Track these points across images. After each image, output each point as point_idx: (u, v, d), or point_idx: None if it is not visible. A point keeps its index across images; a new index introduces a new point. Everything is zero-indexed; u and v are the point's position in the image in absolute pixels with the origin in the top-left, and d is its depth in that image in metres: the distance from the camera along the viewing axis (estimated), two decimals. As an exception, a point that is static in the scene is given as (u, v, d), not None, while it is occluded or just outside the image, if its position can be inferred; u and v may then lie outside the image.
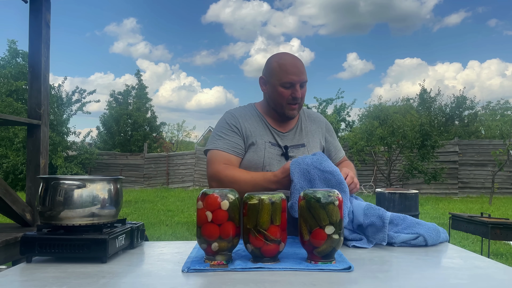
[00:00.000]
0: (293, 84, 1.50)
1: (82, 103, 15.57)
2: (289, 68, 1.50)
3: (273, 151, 1.55)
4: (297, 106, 1.54)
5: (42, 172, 2.69)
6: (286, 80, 1.49)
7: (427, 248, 1.27)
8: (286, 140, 1.58)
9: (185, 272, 0.97)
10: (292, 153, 1.56)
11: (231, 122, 1.58)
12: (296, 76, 1.49)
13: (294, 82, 1.49)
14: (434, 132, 10.98)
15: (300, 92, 1.50)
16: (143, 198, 11.22)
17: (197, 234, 1.04)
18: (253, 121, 1.59)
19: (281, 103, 1.53)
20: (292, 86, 1.50)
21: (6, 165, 13.51)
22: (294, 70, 1.50)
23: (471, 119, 19.65)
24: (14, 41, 15.43)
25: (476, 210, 8.35)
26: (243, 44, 51.02)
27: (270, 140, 1.56)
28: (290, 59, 1.54)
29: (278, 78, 1.51)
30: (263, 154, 1.53)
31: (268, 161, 1.52)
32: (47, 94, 2.81)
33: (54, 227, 1.12)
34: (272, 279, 0.92)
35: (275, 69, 1.53)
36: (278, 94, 1.52)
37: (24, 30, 20.19)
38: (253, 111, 1.63)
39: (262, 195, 1.03)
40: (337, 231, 1.01)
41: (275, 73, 1.52)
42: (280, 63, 1.52)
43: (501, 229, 3.71)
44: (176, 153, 16.38)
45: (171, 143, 24.67)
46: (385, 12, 46.45)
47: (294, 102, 1.52)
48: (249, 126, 1.57)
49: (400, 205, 4.45)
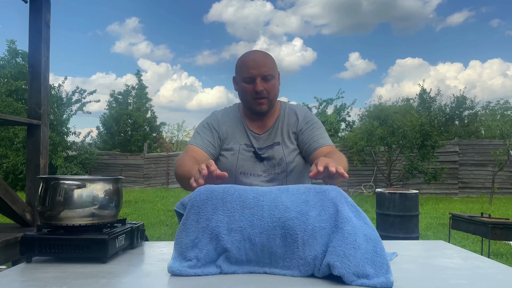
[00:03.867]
0: (253, 78, 1.49)
1: (82, 103, 15.57)
2: (248, 63, 1.51)
3: (247, 153, 1.57)
4: (264, 100, 1.52)
5: (42, 172, 2.69)
6: (246, 75, 1.50)
7: (427, 248, 1.27)
8: (261, 142, 1.59)
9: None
10: (266, 153, 1.56)
11: (211, 122, 1.63)
12: (255, 69, 1.49)
13: (253, 76, 1.49)
14: (434, 132, 10.97)
15: (261, 86, 1.49)
16: (143, 198, 11.21)
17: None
18: (232, 124, 1.62)
19: (247, 99, 1.54)
20: (252, 81, 1.50)
21: (6, 165, 13.50)
22: (252, 64, 1.50)
23: (471, 119, 19.64)
24: (13, 40, 15.44)
25: (476, 210, 8.34)
26: (245, 43, 51.01)
27: (246, 142, 1.59)
28: (252, 54, 1.55)
29: (240, 74, 1.54)
30: (237, 158, 1.56)
31: (242, 164, 1.55)
32: (47, 94, 2.81)
33: (54, 227, 1.12)
34: (272, 279, 0.92)
35: (238, 66, 1.56)
36: (243, 90, 1.54)
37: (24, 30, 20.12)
38: (235, 113, 1.65)
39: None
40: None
41: (238, 70, 1.56)
42: (242, 60, 1.55)
43: (501, 229, 3.71)
44: (176, 153, 16.38)
45: (171, 143, 24.67)
46: (388, 12, 46.39)
47: (258, 96, 1.51)
48: (228, 129, 1.61)
49: (400, 205, 4.45)
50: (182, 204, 1.07)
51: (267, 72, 1.50)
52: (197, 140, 1.58)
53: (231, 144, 1.59)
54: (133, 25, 46.93)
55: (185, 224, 1.00)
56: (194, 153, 1.53)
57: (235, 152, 1.57)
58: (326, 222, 0.96)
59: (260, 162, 1.56)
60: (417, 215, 4.54)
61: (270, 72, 1.51)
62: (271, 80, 1.51)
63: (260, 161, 1.56)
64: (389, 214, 4.49)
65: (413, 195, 4.50)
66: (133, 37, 48.46)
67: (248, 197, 1.01)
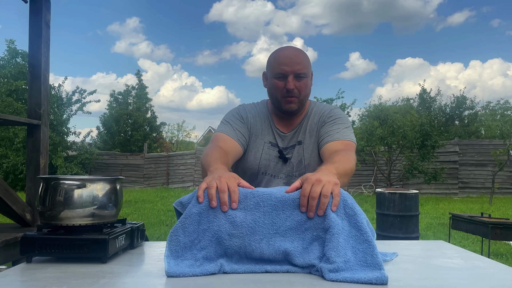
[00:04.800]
0: (285, 75, 1.42)
1: (82, 103, 15.57)
2: (281, 59, 1.44)
3: (272, 152, 1.52)
4: (294, 99, 1.45)
5: (42, 172, 2.69)
6: (278, 71, 1.43)
7: (427, 248, 1.27)
8: (285, 141, 1.54)
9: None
10: (290, 154, 1.52)
11: (241, 114, 1.57)
12: (288, 66, 1.42)
13: (285, 72, 1.42)
14: (434, 132, 10.97)
15: (292, 84, 1.42)
16: (143, 198, 11.22)
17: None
18: (260, 120, 1.57)
19: (276, 96, 1.47)
20: (284, 78, 1.43)
21: (6, 165, 13.50)
22: (286, 61, 1.43)
23: (471, 119, 19.65)
24: (13, 40, 15.44)
25: (476, 210, 8.34)
26: (245, 43, 51.02)
27: (271, 141, 1.54)
28: (286, 50, 1.48)
29: (272, 69, 1.47)
30: (260, 156, 1.51)
31: (264, 163, 1.51)
32: (47, 94, 2.81)
33: (54, 227, 1.12)
34: (272, 279, 0.92)
35: (270, 61, 1.50)
36: (273, 87, 1.47)
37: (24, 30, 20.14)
38: (263, 109, 1.60)
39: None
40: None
41: (270, 66, 1.50)
42: (275, 55, 1.49)
43: (501, 229, 3.71)
44: (176, 153, 16.37)
45: (171, 143, 24.67)
46: (388, 11, 46.43)
47: (289, 94, 1.44)
48: (255, 125, 1.56)
49: (400, 205, 4.45)
50: (181, 202, 1.07)
51: (301, 70, 1.42)
52: (227, 129, 1.49)
53: (256, 141, 1.53)
54: (134, 25, 46.96)
55: (184, 224, 1.00)
56: (223, 142, 1.43)
57: (258, 150, 1.52)
58: (318, 230, 0.97)
59: (284, 163, 1.50)
60: (417, 215, 4.54)
61: (304, 70, 1.43)
62: (303, 78, 1.44)
63: (284, 162, 1.50)
64: (389, 214, 4.49)
65: (413, 195, 4.50)
66: (133, 37, 48.49)
67: (249, 204, 1.01)
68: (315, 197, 0.95)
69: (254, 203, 1.01)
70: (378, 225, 4.67)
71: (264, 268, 0.97)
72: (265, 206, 1.00)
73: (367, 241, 0.95)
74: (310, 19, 50.12)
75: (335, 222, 0.95)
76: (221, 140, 1.45)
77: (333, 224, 0.95)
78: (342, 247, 0.92)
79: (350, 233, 0.96)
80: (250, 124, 1.55)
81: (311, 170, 1.41)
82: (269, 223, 0.99)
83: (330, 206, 0.96)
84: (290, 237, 0.98)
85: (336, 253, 0.91)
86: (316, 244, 0.97)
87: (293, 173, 1.50)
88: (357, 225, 0.97)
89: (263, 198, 1.01)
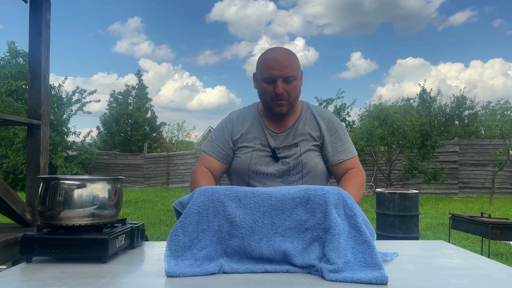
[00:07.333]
0: (274, 79, 1.43)
1: (82, 103, 15.56)
2: (270, 63, 1.44)
3: (262, 152, 1.52)
4: (284, 102, 1.46)
5: (42, 172, 2.69)
6: (266, 75, 1.44)
7: (427, 248, 1.27)
8: (278, 141, 1.54)
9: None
10: (283, 153, 1.52)
11: (226, 126, 1.61)
12: (276, 70, 1.42)
13: (274, 77, 1.43)
14: (434, 132, 10.97)
15: (281, 88, 1.42)
16: (143, 198, 11.21)
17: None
18: (249, 123, 1.59)
19: (266, 99, 1.49)
20: (273, 82, 1.44)
21: (6, 165, 13.50)
22: (274, 65, 1.43)
23: (471, 119, 19.65)
24: (14, 41, 15.47)
25: (476, 210, 8.34)
26: (247, 43, 51.01)
27: (262, 142, 1.54)
28: (274, 53, 1.47)
29: (261, 73, 1.47)
30: (250, 156, 1.52)
31: (255, 162, 1.51)
32: (47, 94, 2.81)
33: (54, 227, 1.12)
34: (272, 279, 0.92)
35: (259, 64, 1.50)
36: (262, 90, 1.48)
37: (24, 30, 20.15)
38: (254, 111, 1.62)
39: None
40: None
41: (259, 69, 1.50)
42: (263, 58, 1.49)
43: (501, 229, 3.71)
44: (176, 153, 16.37)
45: (171, 143, 24.67)
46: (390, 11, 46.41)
47: (278, 98, 1.45)
48: (243, 129, 1.58)
49: (400, 205, 4.45)
50: (180, 202, 1.07)
51: (289, 73, 1.43)
52: (208, 147, 1.60)
53: (246, 143, 1.55)
54: (135, 25, 46.94)
55: (184, 224, 1.00)
56: (207, 163, 1.57)
57: (249, 151, 1.53)
58: (318, 230, 0.98)
59: (276, 162, 1.51)
60: (417, 215, 4.54)
61: (292, 73, 1.44)
62: (292, 81, 1.45)
63: (276, 160, 1.51)
64: (389, 214, 4.49)
65: (413, 195, 4.50)
66: (134, 36, 48.49)
67: (249, 203, 1.01)
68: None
69: (254, 203, 1.01)
70: (378, 225, 4.67)
71: (264, 268, 0.97)
72: (264, 206, 1.00)
73: (366, 242, 0.95)
74: (312, 19, 50.16)
75: (336, 222, 0.96)
76: (205, 161, 1.58)
77: (334, 225, 0.95)
78: (343, 248, 0.93)
79: (350, 234, 0.97)
80: (235, 131, 1.58)
81: (309, 169, 1.50)
82: (268, 223, 0.99)
83: (330, 205, 0.99)
84: (289, 237, 0.98)
85: (337, 254, 0.92)
86: (316, 244, 0.97)
87: (291, 173, 1.51)
88: (356, 226, 0.97)
89: (263, 197, 1.01)
